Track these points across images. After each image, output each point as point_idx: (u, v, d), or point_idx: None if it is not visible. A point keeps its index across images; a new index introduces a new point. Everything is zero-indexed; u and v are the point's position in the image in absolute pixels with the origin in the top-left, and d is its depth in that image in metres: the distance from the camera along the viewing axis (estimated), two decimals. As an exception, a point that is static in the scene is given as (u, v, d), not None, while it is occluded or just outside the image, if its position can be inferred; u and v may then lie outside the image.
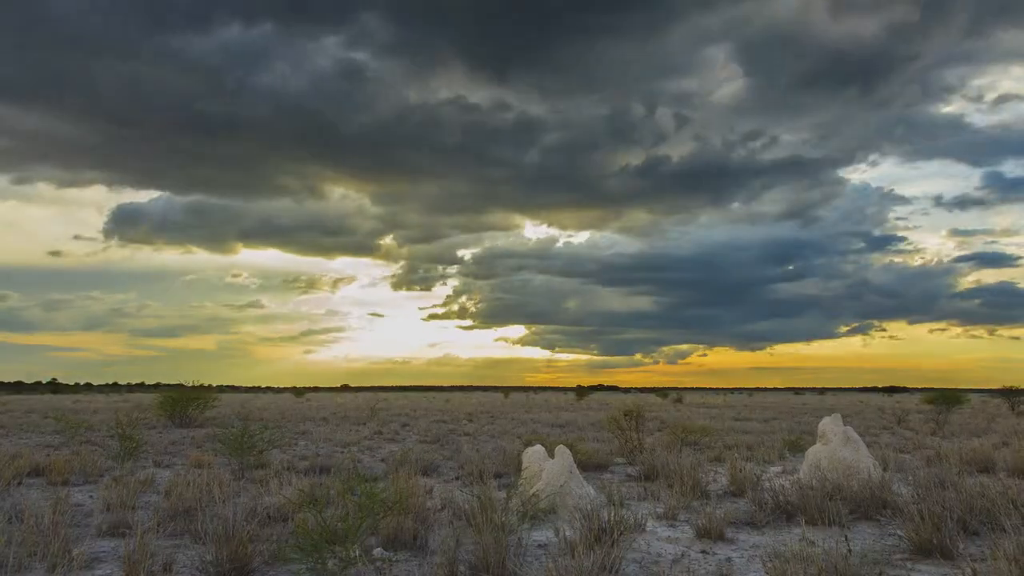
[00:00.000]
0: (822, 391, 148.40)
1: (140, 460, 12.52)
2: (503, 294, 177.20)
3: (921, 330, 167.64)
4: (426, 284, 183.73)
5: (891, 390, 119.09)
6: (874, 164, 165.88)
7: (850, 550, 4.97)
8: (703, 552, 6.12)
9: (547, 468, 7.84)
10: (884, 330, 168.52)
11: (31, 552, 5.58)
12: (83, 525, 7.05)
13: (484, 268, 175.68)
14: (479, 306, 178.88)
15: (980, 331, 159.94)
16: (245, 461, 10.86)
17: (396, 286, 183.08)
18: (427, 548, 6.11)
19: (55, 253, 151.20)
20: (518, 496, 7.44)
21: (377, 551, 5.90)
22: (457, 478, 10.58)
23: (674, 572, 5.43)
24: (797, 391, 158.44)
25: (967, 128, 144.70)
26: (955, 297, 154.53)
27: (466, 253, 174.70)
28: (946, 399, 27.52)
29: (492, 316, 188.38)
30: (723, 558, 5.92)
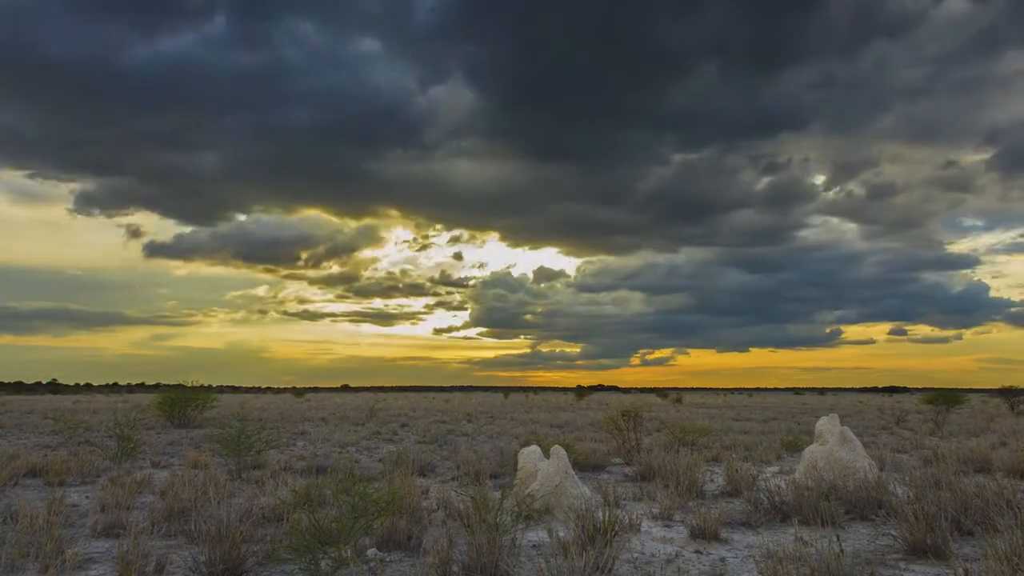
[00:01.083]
0: (822, 391, 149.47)
1: (138, 460, 12.51)
2: (497, 303, 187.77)
3: (898, 332, 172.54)
4: (411, 293, 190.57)
5: (891, 390, 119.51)
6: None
7: (842, 550, 4.97)
8: (697, 552, 6.12)
9: (542, 468, 7.84)
10: (861, 333, 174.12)
11: (24, 553, 5.58)
12: (78, 526, 7.04)
13: (472, 279, 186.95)
14: (473, 312, 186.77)
15: (949, 332, 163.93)
16: (242, 461, 10.86)
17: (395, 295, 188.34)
18: (421, 548, 6.10)
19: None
20: (513, 496, 7.44)
21: (371, 551, 5.91)
22: (454, 478, 10.58)
23: (667, 572, 5.43)
24: (797, 391, 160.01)
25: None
26: (926, 300, 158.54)
27: (454, 266, 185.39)
28: (945, 399, 27.49)
29: (484, 323, 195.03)
30: (717, 558, 5.91)
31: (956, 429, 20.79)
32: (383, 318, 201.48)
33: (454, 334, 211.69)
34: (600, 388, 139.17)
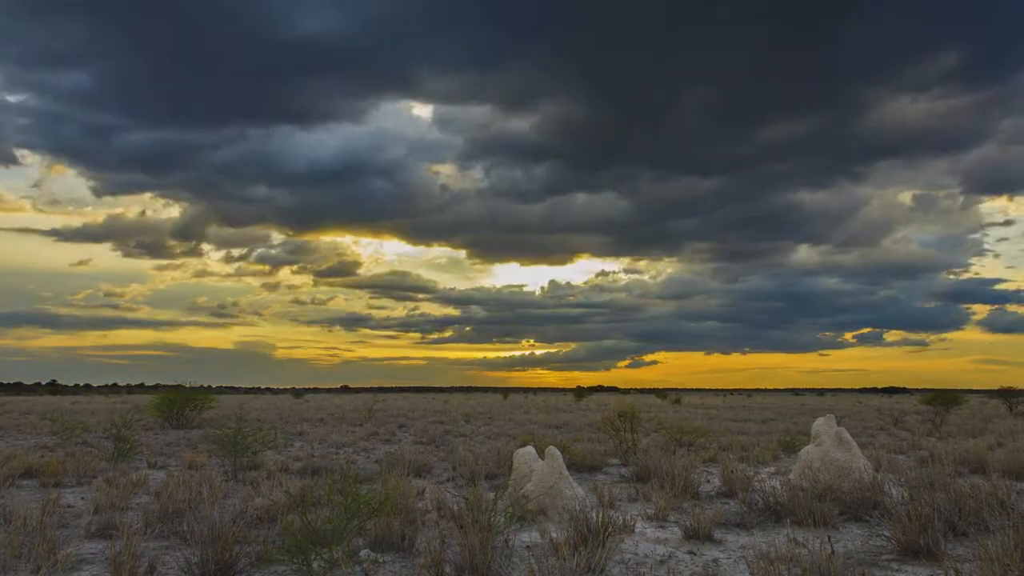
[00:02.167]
0: (821, 392, 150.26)
1: (134, 461, 12.51)
2: (487, 310, 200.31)
3: (876, 338, 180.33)
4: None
5: (890, 391, 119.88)
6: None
7: (832, 551, 4.97)
8: (690, 553, 6.12)
9: (537, 469, 7.84)
10: (840, 340, 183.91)
11: (16, 554, 5.58)
12: (72, 526, 7.04)
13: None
14: (464, 319, 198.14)
15: (931, 337, 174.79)
16: (238, 462, 10.86)
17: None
18: (415, 549, 6.10)
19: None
20: (507, 497, 7.44)
21: (364, 552, 5.91)
22: (450, 479, 10.59)
23: (659, 573, 5.43)
24: (796, 391, 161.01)
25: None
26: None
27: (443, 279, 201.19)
28: (944, 400, 27.48)
29: (474, 328, 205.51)
30: (710, 559, 5.92)
31: (954, 430, 20.79)
32: (382, 324, 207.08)
33: (447, 338, 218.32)
34: (600, 389, 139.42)
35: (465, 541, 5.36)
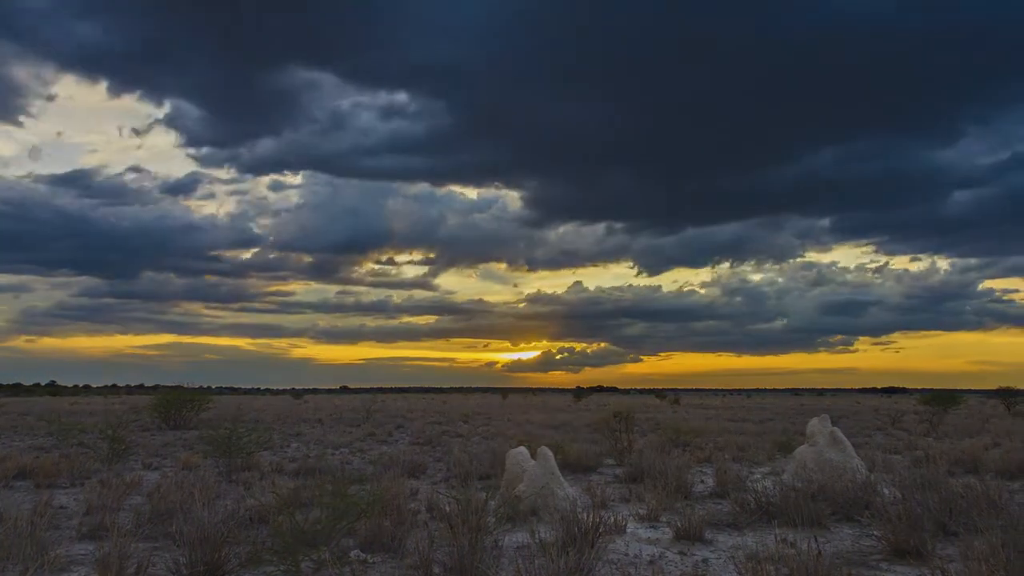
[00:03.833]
0: (821, 392, 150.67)
1: (129, 462, 12.51)
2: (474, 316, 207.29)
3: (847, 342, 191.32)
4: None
5: (890, 391, 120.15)
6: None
7: (820, 551, 4.98)
8: (680, 553, 6.12)
9: (529, 470, 7.84)
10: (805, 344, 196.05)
11: (6, 555, 5.58)
12: (64, 528, 7.04)
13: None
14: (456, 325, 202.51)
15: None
16: (232, 463, 10.86)
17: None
18: (404, 550, 6.10)
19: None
20: (499, 498, 7.45)
21: (354, 553, 5.91)
22: (444, 480, 10.59)
23: (648, 573, 5.43)
24: (796, 392, 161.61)
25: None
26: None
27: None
28: (941, 400, 27.50)
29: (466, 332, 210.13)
30: (700, 559, 5.92)
31: (951, 430, 20.79)
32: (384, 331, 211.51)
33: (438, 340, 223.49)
34: (600, 389, 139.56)
35: (454, 541, 5.36)
